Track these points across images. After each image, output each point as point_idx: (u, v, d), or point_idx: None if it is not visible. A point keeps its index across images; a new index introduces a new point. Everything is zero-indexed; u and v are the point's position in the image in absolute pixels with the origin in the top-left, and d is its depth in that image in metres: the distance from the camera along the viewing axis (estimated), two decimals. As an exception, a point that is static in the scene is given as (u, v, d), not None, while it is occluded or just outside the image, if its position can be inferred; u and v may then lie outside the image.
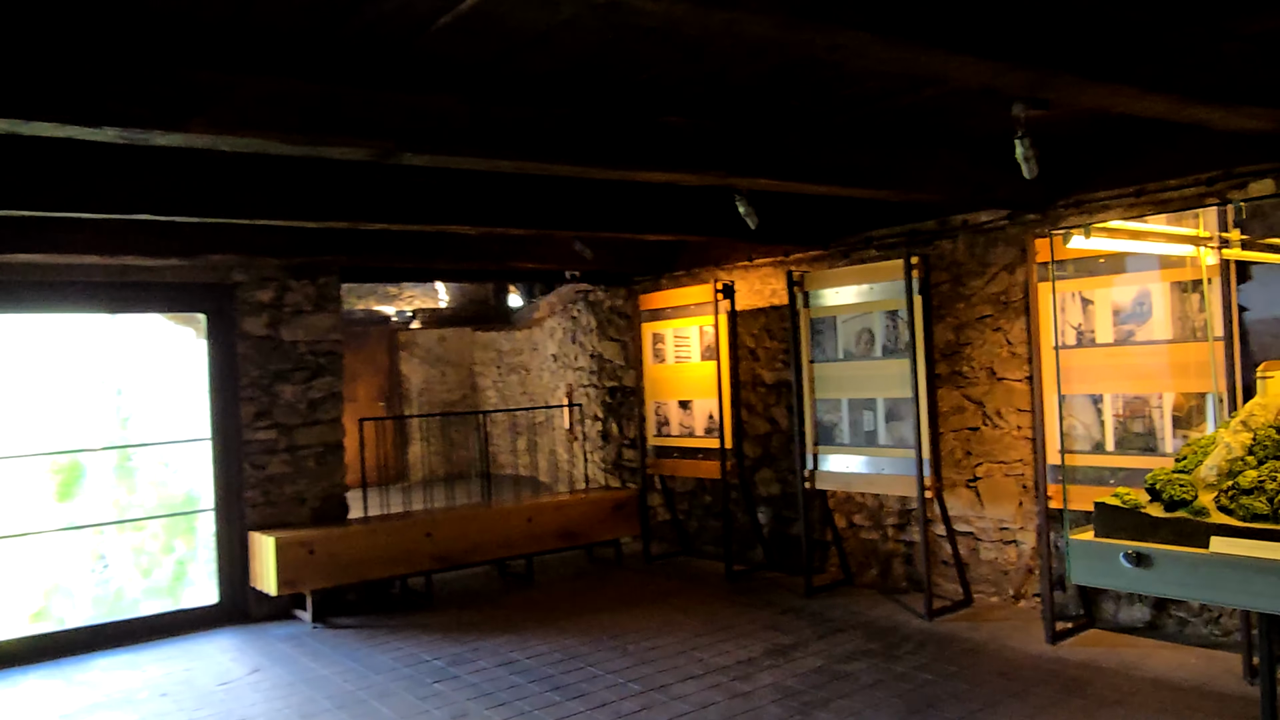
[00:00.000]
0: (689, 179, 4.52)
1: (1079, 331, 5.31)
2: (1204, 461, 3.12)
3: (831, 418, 6.65)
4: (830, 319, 6.64)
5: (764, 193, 5.51)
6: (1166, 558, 2.94)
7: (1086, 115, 4.77)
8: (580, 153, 4.02)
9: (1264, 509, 2.80)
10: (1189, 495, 2.97)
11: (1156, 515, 3.01)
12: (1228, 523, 2.85)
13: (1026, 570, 6.15)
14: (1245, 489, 2.87)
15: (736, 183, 4.71)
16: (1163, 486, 3.07)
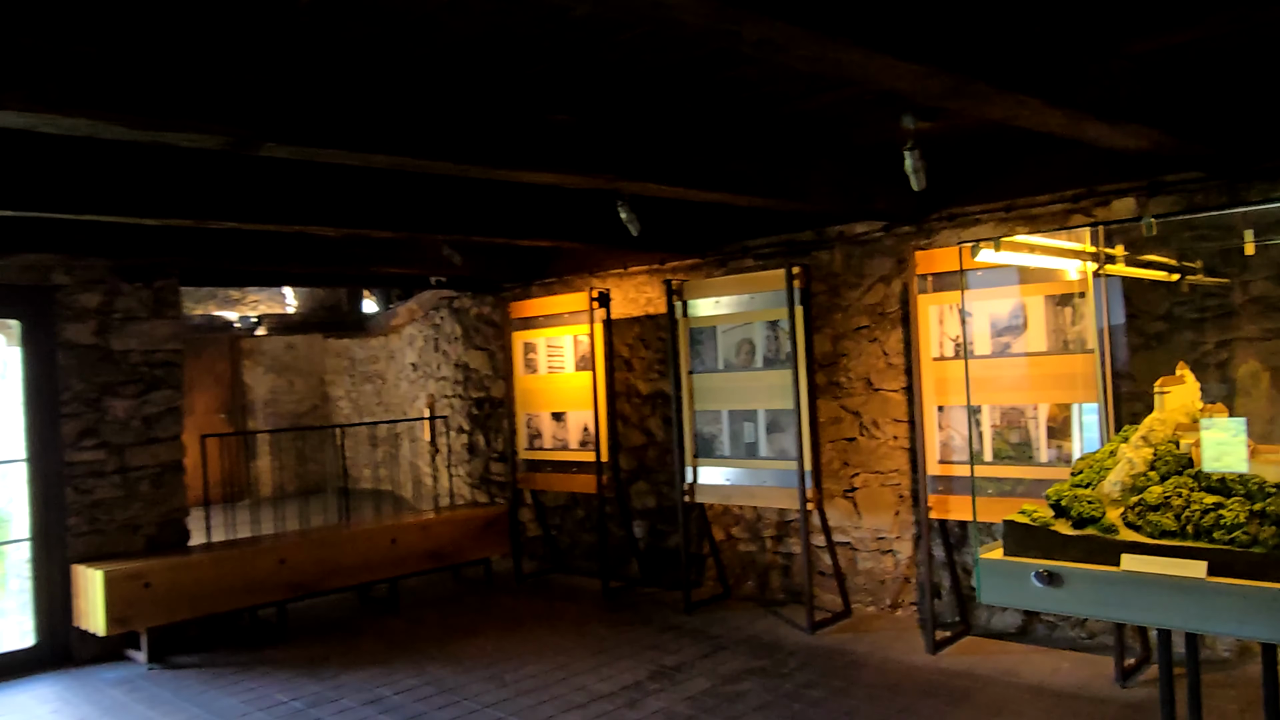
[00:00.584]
0: (576, 181, 4.27)
1: (957, 343, 5.37)
2: (1107, 477, 3.11)
3: (711, 429, 6.53)
4: (710, 329, 6.52)
5: (641, 199, 5.34)
6: (1078, 576, 2.90)
7: (960, 131, 4.82)
8: (463, 150, 3.70)
9: (1172, 525, 2.80)
10: (1098, 512, 2.95)
11: (1067, 533, 2.98)
12: (1137, 539, 2.84)
13: (903, 580, 6.20)
14: (1152, 505, 2.87)
15: (625, 187, 4.50)
16: (1070, 503, 3.04)
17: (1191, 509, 2.79)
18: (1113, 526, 2.90)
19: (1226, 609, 2.62)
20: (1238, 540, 2.65)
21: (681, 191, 4.69)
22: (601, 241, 6.53)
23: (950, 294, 5.38)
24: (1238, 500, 2.72)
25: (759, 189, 4.92)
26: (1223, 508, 2.73)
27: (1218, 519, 2.72)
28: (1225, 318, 4.90)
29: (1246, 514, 2.67)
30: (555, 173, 4.05)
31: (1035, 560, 3.02)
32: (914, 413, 5.99)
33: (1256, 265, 4.79)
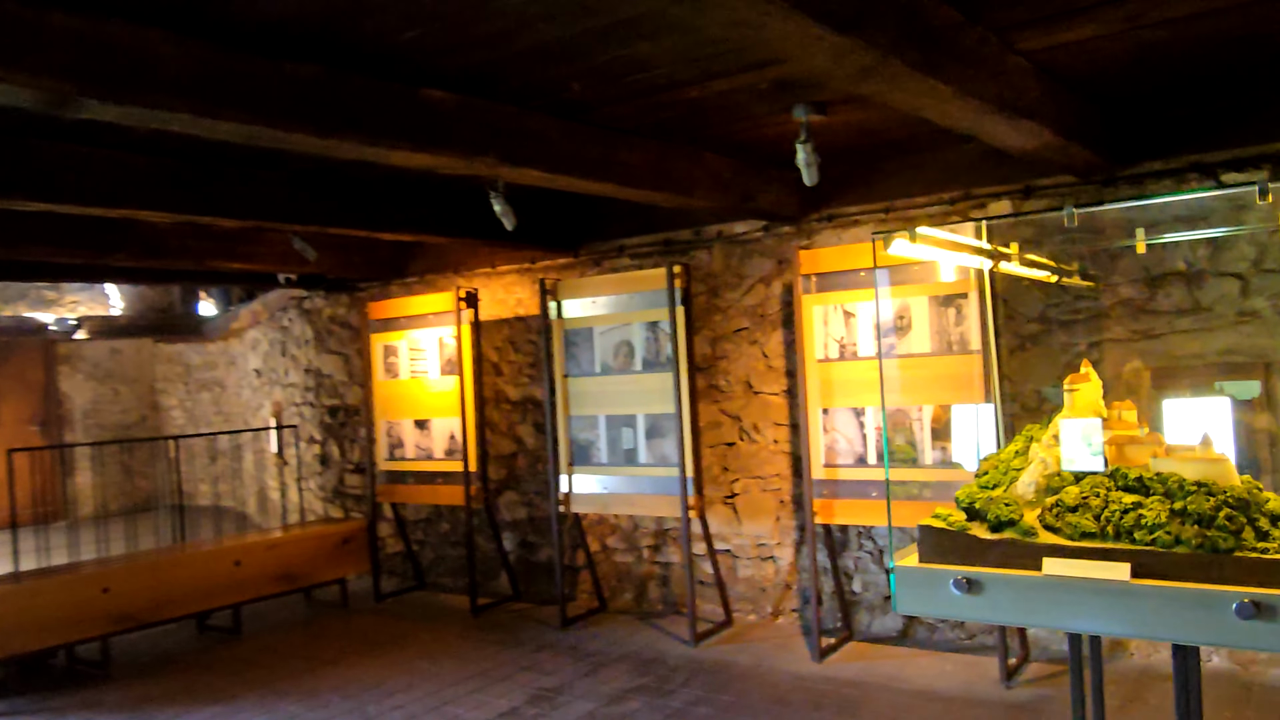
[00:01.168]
0: (453, 165, 3.90)
1: (842, 344, 5.29)
2: (1019, 478, 3.01)
3: (588, 436, 6.24)
4: (586, 330, 6.24)
5: (512, 192, 5.01)
6: (998, 582, 2.78)
7: (843, 130, 4.73)
8: (328, 120, 3.28)
9: (1091, 526, 2.71)
10: (1015, 515, 2.83)
11: (985, 537, 2.85)
12: (1058, 542, 2.73)
13: (784, 586, 6.08)
14: (1070, 506, 2.78)
15: (506, 174, 4.16)
16: (984, 506, 2.92)
17: (1111, 509, 2.70)
18: (1032, 529, 2.79)
19: (1151, 612, 2.54)
20: (1160, 540, 2.58)
21: (567, 181, 4.39)
22: (471, 235, 6.15)
23: (834, 294, 5.30)
24: (1157, 499, 2.65)
25: (647, 181, 4.68)
26: (1142, 507, 2.66)
27: (1138, 519, 2.64)
28: (1096, 320, 5.01)
29: (1167, 513, 2.60)
30: (432, 153, 3.67)
31: (953, 566, 2.88)
32: (798, 416, 5.89)
33: (1124, 268, 4.92)
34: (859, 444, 5.23)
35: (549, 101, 4.00)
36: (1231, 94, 4.44)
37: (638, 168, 4.64)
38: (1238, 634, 2.43)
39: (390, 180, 5.42)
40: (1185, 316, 4.78)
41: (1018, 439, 3.45)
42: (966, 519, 3.00)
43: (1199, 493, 2.59)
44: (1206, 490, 2.59)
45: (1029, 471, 3.00)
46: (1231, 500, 2.55)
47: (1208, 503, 2.56)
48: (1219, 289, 4.69)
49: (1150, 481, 2.72)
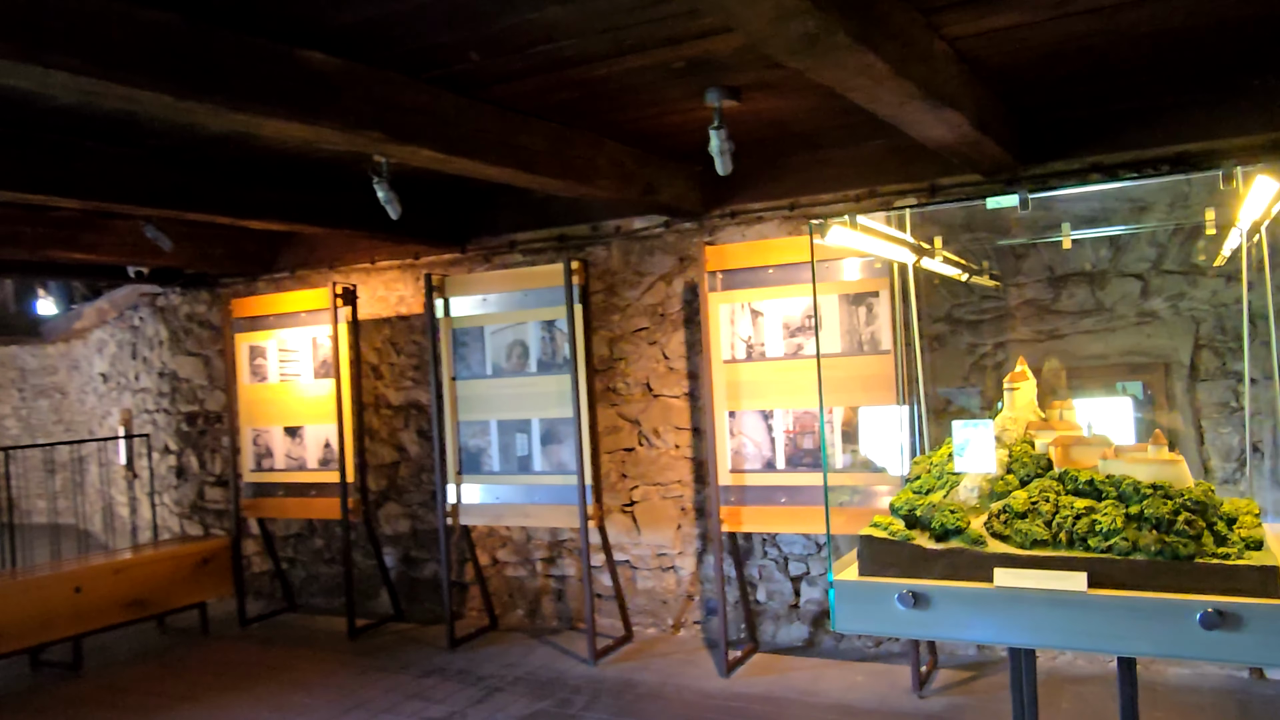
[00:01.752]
0: (335, 138, 3.47)
1: (749, 345, 5.08)
2: (961, 482, 2.83)
3: (478, 442, 5.84)
4: (477, 330, 5.83)
5: (398, 179, 4.60)
6: (947, 596, 2.57)
7: (748, 122, 4.53)
8: (187, 78, 2.81)
9: (1043, 533, 2.54)
10: (961, 523, 2.64)
11: (931, 547, 2.65)
12: (1009, 551, 2.55)
13: (686, 597, 5.83)
14: (1019, 512, 2.60)
15: (392, 151, 3.75)
16: (927, 513, 2.72)
17: (1063, 514, 2.54)
18: (980, 538, 2.60)
19: (1110, 624, 2.38)
20: (1116, 547, 2.42)
21: (462, 164, 4.01)
22: (350, 226, 5.66)
23: (741, 292, 5.09)
24: (1110, 503, 2.50)
25: (548, 167, 4.35)
26: (1095, 512, 2.50)
27: (1092, 525, 2.48)
28: (1001, 320, 4.96)
29: (1123, 518, 2.45)
30: (309, 123, 3.23)
31: (896, 580, 2.66)
32: (702, 420, 5.66)
33: (1029, 268, 4.89)
34: (767, 448, 5.02)
35: (444, 72, 3.62)
36: (1135, 96, 4.44)
37: (538, 152, 4.30)
38: (1202, 645, 2.28)
39: (259, 162, 4.90)
40: (1088, 317, 4.77)
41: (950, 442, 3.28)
42: (906, 527, 2.80)
43: (1155, 496, 2.45)
44: (1163, 493, 2.45)
45: (971, 476, 2.81)
46: (1189, 503, 2.42)
47: (1165, 506, 2.42)
48: (1121, 289, 4.70)
49: (1102, 484, 2.57)
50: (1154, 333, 4.65)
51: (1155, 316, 4.64)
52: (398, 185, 4.64)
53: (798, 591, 5.49)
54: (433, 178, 5.46)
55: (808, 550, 5.45)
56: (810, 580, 5.45)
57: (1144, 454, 2.56)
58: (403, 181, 4.70)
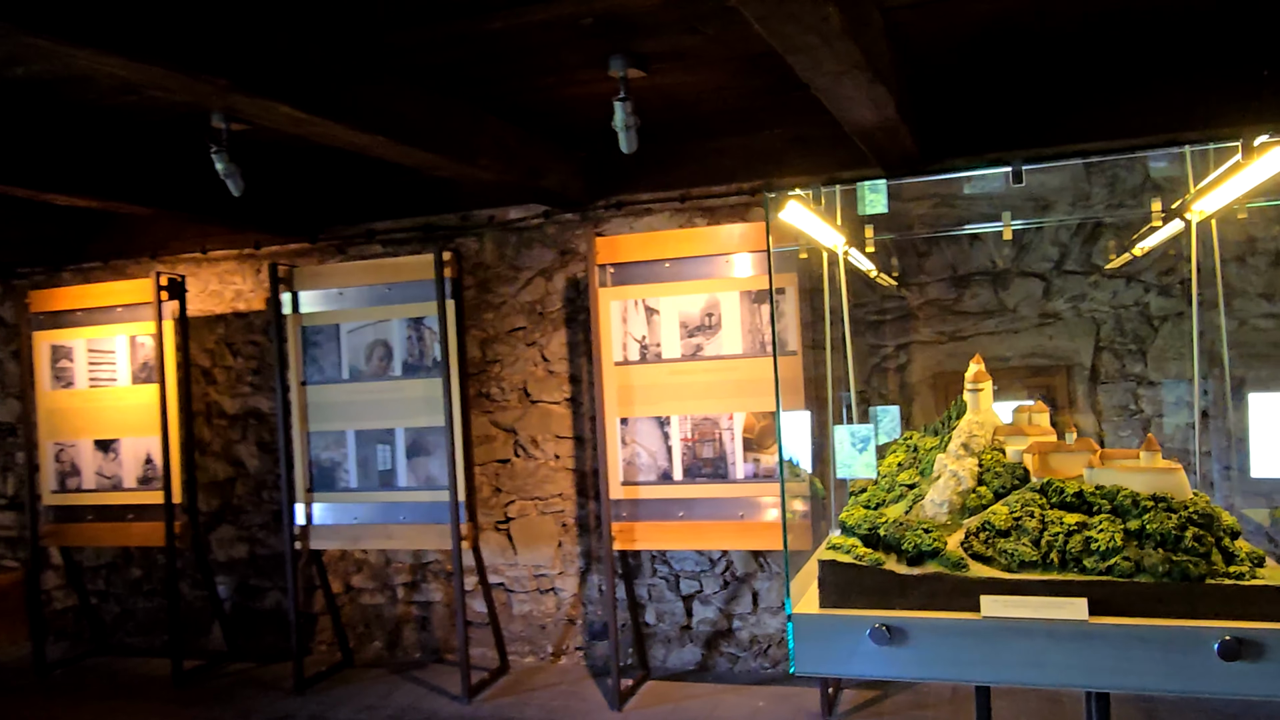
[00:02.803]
0: (168, 82, 2.80)
1: (643, 345, 4.66)
2: (928, 496, 2.50)
3: (332, 455, 5.15)
4: (331, 328, 5.15)
5: (240, 155, 3.94)
6: (928, 630, 2.23)
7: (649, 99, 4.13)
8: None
9: (1031, 554, 2.23)
10: (939, 544, 2.30)
11: (906, 573, 2.29)
12: (995, 575, 2.23)
13: (567, 622, 5.34)
14: (1001, 529, 2.29)
15: (241, 106, 3.10)
16: (896, 533, 2.37)
17: (1052, 532, 2.24)
18: (961, 561, 2.27)
19: (1115, 657, 2.09)
20: (1117, 569, 2.14)
21: (325, 128, 3.39)
22: (178, 208, 4.88)
23: (635, 288, 4.67)
24: (1105, 518, 2.22)
25: (426, 139, 3.79)
26: (1089, 528, 2.21)
27: (1087, 543, 2.19)
28: (904, 321, 4.76)
29: (1121, 534, 2.17)
30: (137, 60, 2.57)
31: (866, 612, 2.30)
32: (585, 427, 5.20)
33: (931, 268, 4.71)
34: (663, 458, 4.62)
35: (299, 19, 3.02)
36: (1041, 92, 4.32)
37: (416, 121, 3.74)
38: (1220, 679, 2.02)
39: (68, 122, 4.09)
40: (991, 318, 4.63)
41: (898, 448, 2.97)
42: (864, 546, 2.44)
43: (1157, 509, 2.18)
44: (1165, 506, 2.19)
45: (938, 488, 2.49)
46: (1196, 516, 2.16)
47: (1170, 521, 2.15)
48: (1024, 290, 4.58)
49: (1092, 497, 2.29)
50: (1056, 334, 4.55)
51: (1057, 318, 4.54)
52: (238, 162, 3.96)
53: (690, 611, 5.11)
54: (280, 155, 4.78)
55: (700, 567, 5.08)
56: (703, 599, 5.08)
57: (1136, 461, 2.30)
58: (244, 158, 4.02)
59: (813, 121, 4.57)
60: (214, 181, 4.02)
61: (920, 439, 2.86)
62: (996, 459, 2.51)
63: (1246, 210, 3.03)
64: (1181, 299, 4.35)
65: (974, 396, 2.62)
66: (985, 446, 2.56)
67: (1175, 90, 4.13)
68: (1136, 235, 3.87)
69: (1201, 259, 3.99)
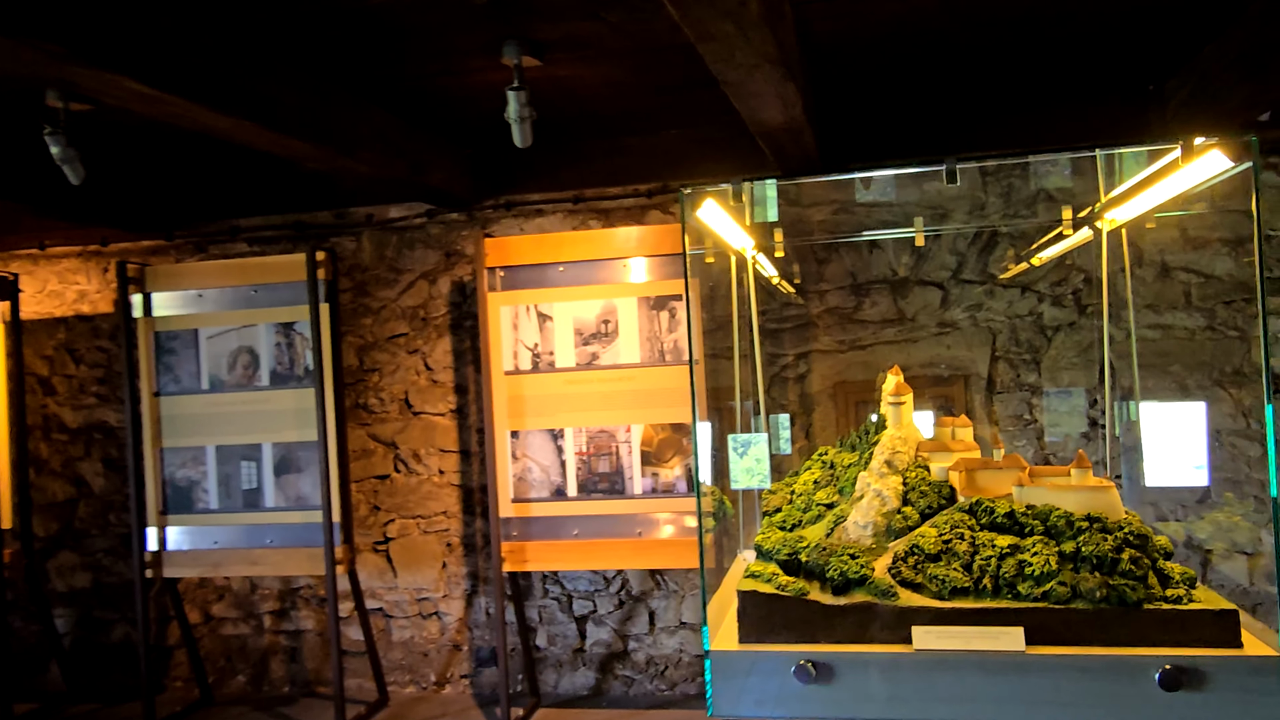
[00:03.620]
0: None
1: (535, 353, 4.40)
2: (850, 517, 2.34)
3: (189, 474, 4.68)
4: (189, 334, 4.68)
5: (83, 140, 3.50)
6: (855, 665, 2.06)
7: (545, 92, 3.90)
8: None
9: (963, 579, 2.09)
10: (867, 570, 2.14)
11: (832, 603, 2.12)
12: (927, 604, 2.08)
13: (452, 648, 5.01)
14: (930, 554, 2.14)
15: (81, 77, 2.69)
16: (819, 559, 2.19)
17: (984, 555, 2.11)
18: (890, 589, 2.11)
19: (1055, 689, 1.97)
20: (1053, 594, 2.02)
21: (183, 108, 3.00)
22: (10, 199, 4.33)
23: (527, 292, 4.40)
24: (1038, 540, 2.10)
25: (301, 126, 3.43)
26: (1022, 551, 2.09)
27: (1020, 567, 2.07)
28: (803, 329, 4.65)
29: (1056, 557, 2.06)
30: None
31: (790, 647, 2.11)
32: (473, 440, 4.90)
33: (831, 275, 4.62)
34: (556, 473, 4.36)
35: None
36: (941, 102, 4.28)
37: (289, 105, 3.38)
38: (1163, 709, 1.92)
39: None
40: (890, 327, 4.57)
41: (812, 465, 2.81)
42: (784, 573, 2.27)
43: (1092, 530, 2.08)
44: (1100, 526, 2.09)
45: (861, 509, 2.33)
46: (1132, 537, 2.06)
47: (1106, 542, 2.05)
48: (922, 299, 4.54)
49: (1024, 517, 2.17)
50: (953, 344, 4.52)
51: (955, 327, 4.51)
52: (82, 148, 3.51)
53: (583, 634, 4.86)
54: (131, 142, 4.30)
55: (594, 586, 4.84)
56: (597, 620, 4.85)
57: (1068, 479, 2.19)
58: (91, 144, 3.57)
59: (715, 122, 4.42)
60: (54, 170, 3.55)
61: (837, 454, 2.71)
62: (921, 477, 2.37)
63: (1155, 220, 3.01)
64: (1073, 309, 4.38)
65: (895, 410, 2.48)
66: (909, 463, 2.42)
67: (1070, 105, 4.16)
68: (1036, 245, 3.86)
69: (1096, 270, 4.02)
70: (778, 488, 2.75)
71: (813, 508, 2.55)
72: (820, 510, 2.53)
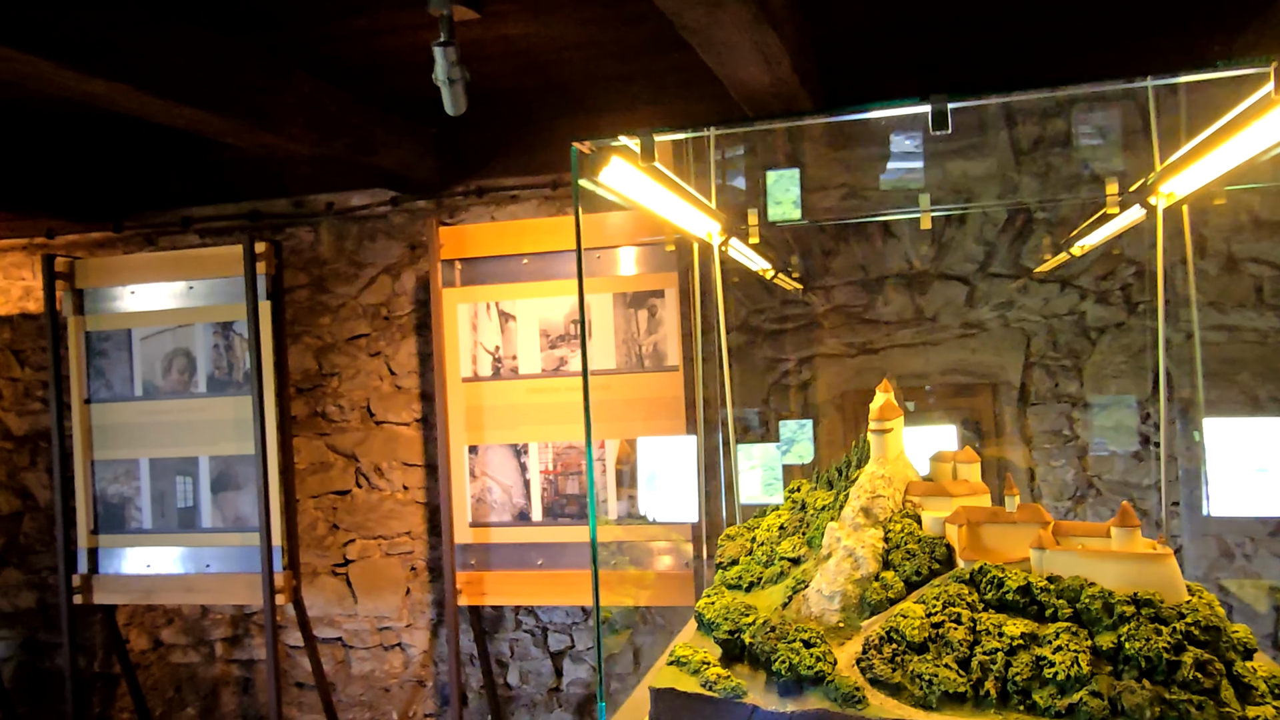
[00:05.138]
0: None
1: (496, 357, 3.87)
2: (813, 583, 1.77)
3: (123, 489, 4.23)
4: (121, 334, 4.23)
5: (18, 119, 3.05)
6: (806, 798, 1.49)
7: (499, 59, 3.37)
8: None
9: (957, 681, 1.51)
10: (827, 664, 1.57)
11: (775, 710, 1.55)
12: (908, 715, 1.51)
13: (416, 683, 4.51)
14: (914, 643, 1.57)
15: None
16: (761, 640, 1.63)
17: (988, 648, 1.53)
18: (855, 692, 1.54)
19: None
20: (1084, 709, 1.43)
21: (38, 69, 2.52)
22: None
23: (487, 287, 3.88)
24: (1065, 630, 1.52)
25: (197, 92, 2.94)
26: (1040, 644, 1.51)
27: (1038, 666, 1.49)
28: (807, 330, 4.06)
29: (1088, 657, 1.47)
30: None
31: (720, 767, 1.55)
32: (437, 454, 4.38)
33: (840, 268, 4.03)
34: (519, 494, 3.83)
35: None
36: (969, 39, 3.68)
37: (181, 68, 2.88)
38: None
39: None
40: (907, 328, 3.96)
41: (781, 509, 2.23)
42: (724, 659, 1.70)
43: (1140, 618, 1.49)
44: (1152, 613, 1.49)
45: (828, 573, 1.76)
46: (1198, 631, 1.47)
47: (1160, 638, 1.45)
48: (944, 295, 3.92)
49: (1044, 595, 1.58)
50: (980, 347, 3.90)
51: (982, 328, 3.90)
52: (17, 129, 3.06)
53: (559, 671, 4.33)
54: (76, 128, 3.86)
55: (572, 619, 4.31)
56: (575, 656, 4.31)
57: (1106, 541, 1.60)
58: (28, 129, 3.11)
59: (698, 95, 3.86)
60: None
61: (810, 492, 2.13)
62: (909, 531, 1.79)
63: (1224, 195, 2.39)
64: (1122, 307, 3.74)
65: (879, 440, 1.90)
66: (894, 512, 1.84)
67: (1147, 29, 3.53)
68: (1076, 231, 3.24)
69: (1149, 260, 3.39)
70: (737, 531, 2.18)
71: (776, 562, 1.99)
72: (784, 566, 1.96)
